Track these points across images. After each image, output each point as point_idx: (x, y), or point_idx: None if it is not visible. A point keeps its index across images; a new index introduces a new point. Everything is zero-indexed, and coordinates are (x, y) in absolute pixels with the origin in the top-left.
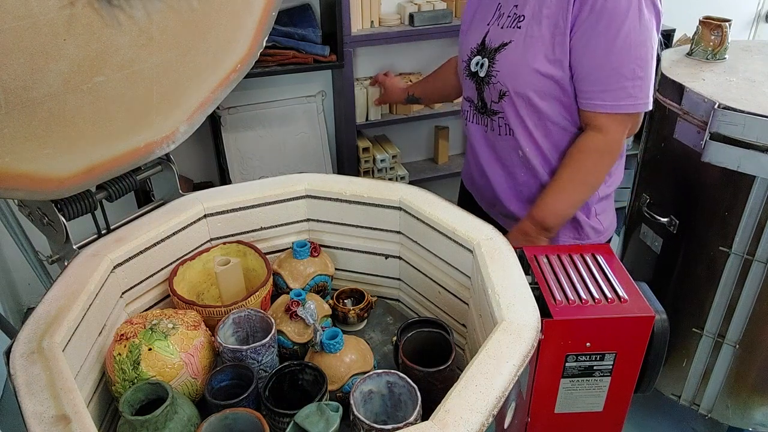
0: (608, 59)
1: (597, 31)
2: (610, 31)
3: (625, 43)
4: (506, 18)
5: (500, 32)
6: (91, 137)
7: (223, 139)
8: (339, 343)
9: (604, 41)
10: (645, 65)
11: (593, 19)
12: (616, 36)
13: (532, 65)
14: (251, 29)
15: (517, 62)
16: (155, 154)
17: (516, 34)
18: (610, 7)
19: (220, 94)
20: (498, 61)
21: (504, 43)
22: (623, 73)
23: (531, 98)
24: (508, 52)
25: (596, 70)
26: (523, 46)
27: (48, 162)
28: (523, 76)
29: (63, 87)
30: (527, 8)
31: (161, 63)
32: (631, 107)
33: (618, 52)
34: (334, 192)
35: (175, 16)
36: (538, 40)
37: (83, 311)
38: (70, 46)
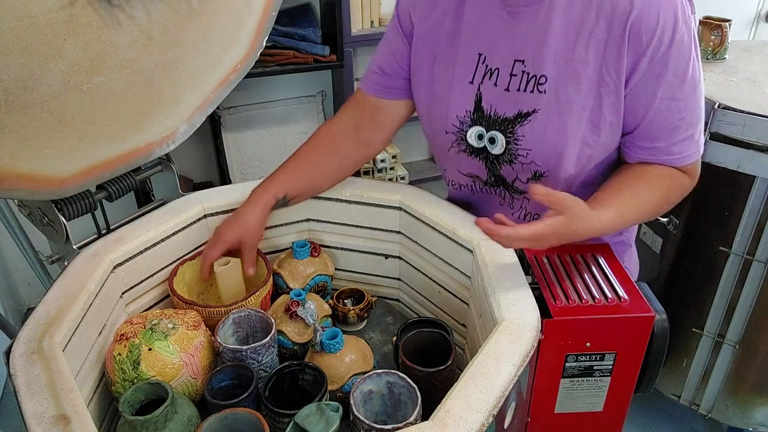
0: (677, 108)
1: (663, 80)
2: (677, 78)
3: (692, 86)
4: (511, 77)
5: (509, 96)
6: (91, 137)
7: (223, 139)
8: (339, 343)
9: (671, 89)
10: (702, 103)
11: (657, 67)
12: (683, 81)
13: (576, 137)
14: (251, 29)
15: (555, 137)
16: (155, 154)
17: (542, 101)
18: (675, 52)
19: (220, 94)
20: (524, 137)
21: (524, 113)
22: (691, 120)
23: (571, 172)
24: (537, 124)
25: (664, 123)
26: (560, 116)
27: (48, 162)
28: (567, 152)
29: (63, 87)
30: (547, 66)
31: (161, 63)
32: (696, 155)
33: (686, 98)
34: (334, 192)
35: (175, 16)
36: (577, 105)
37: (83, 311)
38: (70, 46)
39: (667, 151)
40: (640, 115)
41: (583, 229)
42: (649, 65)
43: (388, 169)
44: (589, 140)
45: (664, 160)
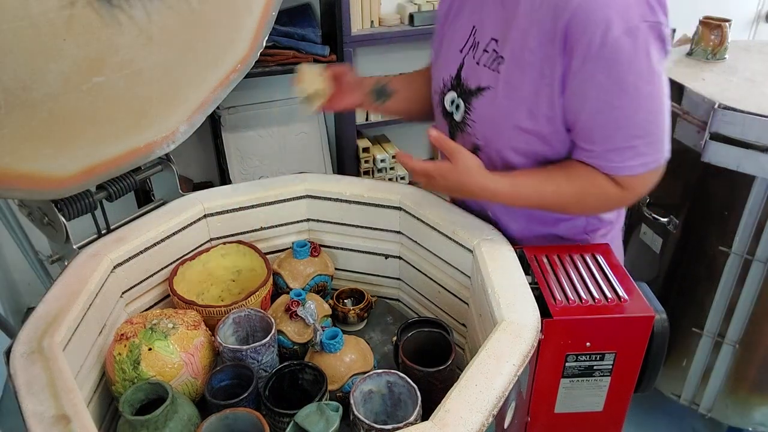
0: (612, 115)
1: (596, 83)
2: (612, 82)
3: (633, 96)
4: (482, 52)
5: (476, 69)
6: (91, 137)
7: (223, 139)
8: (339, 343)
9: (605, 94)
10: (657, 118)
11: (590, 68)
12: (621, 87)
13: (514, 122)
14: (251, 29)
15: (496, 116)
16: (155, 154)
17: (494, 79)
18: (609, 54)
19: (220, 94)
20: (475, 110)
21: (481, 87)
22: (631, 131)
23: (509, 158)
24: (486, 100)
25: (599, 128)
26: (503, 97)
27: (48, 162)
28: (503, 133)
29: (63, 87)
30: (507, 48)
31: (161, 63)
32: (640, 167)
33: (624, 107)
34: (334, 192)
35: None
36: (520, 91)
37: (83, 311)
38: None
39: (602, 156)
40: (575, 116)
41: (470, 182)
42: (581, 66)
43: (388, 169)
44: (527, 127)
45: (599, 164)
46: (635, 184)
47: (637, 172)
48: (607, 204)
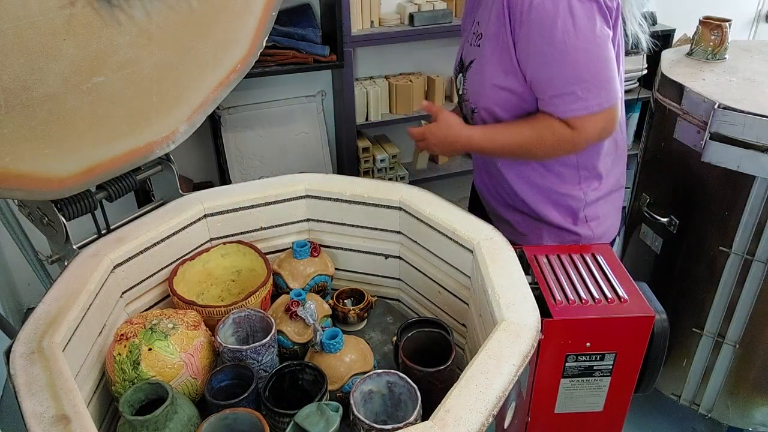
0: (550, 67)
1: (531, 42)
2: (543, 40)
3: (562, 49)
4: (472, 36)
5: (469, 50)
6: (91, 137)
7: (223, 139)
8: (339, 343)
9: (539, 51)
10: (590, 68)
11: (525, 31)
12: (551, 43)
13: (491, 81)
14: (251, 29)
15: (479, 80)
16: (155, 154)
17: (477, 53)
18: (536, 17)
19: (220, 94)
20: (468, 79)
21: (471, 62)
22: (567, 78)
23: (496, 112)
24: (473, 70)
25: (543, 78)
26: (482, 64)
27: (48, 162)
28: (485, 92)
29: (63, 87)
30: (482, 26)
31: (161, 63)
32: (582, 110)
33: (557, 60)
34: (334, 192)
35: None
36: (491, 55)
37: (83, 311)
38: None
39: (550, 102)
40: (525, 71)
41: (452, 133)
42: (519, 29)
43: (388, 169)
44: (503, 84)
45: (550, 110)
46: (582, 125)
47: (580, 113)
48: (562, 144)
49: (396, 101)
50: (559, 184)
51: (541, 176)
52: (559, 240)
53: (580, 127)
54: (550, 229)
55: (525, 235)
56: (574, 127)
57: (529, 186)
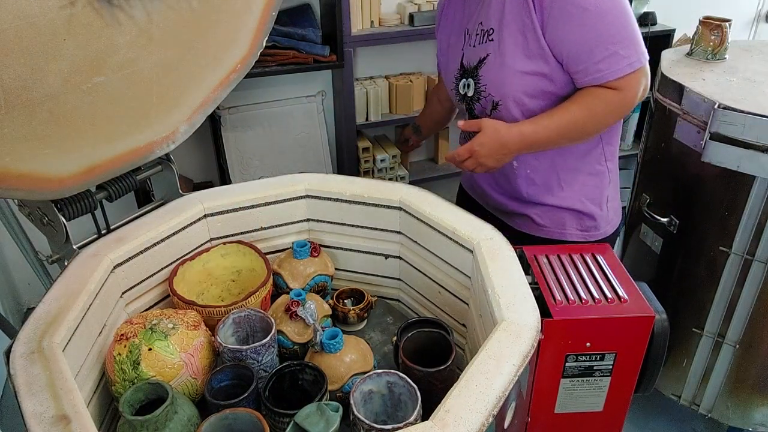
0: (588, 33)
1: (566, 13)
2: (577, 8)
3: (596, 12)
4: (475, 37)
5: (474, 51)
6: (91, 137)
7: (223, 139)
8: (339, 343)
9: (576, 20)
10: (625, 25)
11: (557, 3)
12: (585, 9)
13: (514, 67)
14: (251, 29)
15: (500, 70)
16: (155, 154)
17: (490, 47)
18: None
19: (220, 94)
20: (482, 76)
21: (481, 59)
22: (606, 40)
23: (522, 100)
24: (489, 65)
25: (583, 47)
26: (500, 54)
27: (48, 162)
28: (510, 80)
29: (63, 87)
30: (492, 21)
31: (161, 63)
32: (628, 67)
33: (593, 23)
34: (334, 192)
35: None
36: (511, 43)
37: (83, 311)
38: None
39: (592, 71)
40: (561, 46)
41: (504, 138)
42: (550, 3)
43: (388, 169)
44: (528, 69)
45: (593, 78)
46: (629, 83)
47: (625, 72)
48: (613, 109)
49: (396, 101)
50: (587, 163)
51: (566, 159)
52: (580, 226)
53: (626, 87)
54: (572, 214)
55: (546, 226)
56: (620, 89)
57: (554, 170)
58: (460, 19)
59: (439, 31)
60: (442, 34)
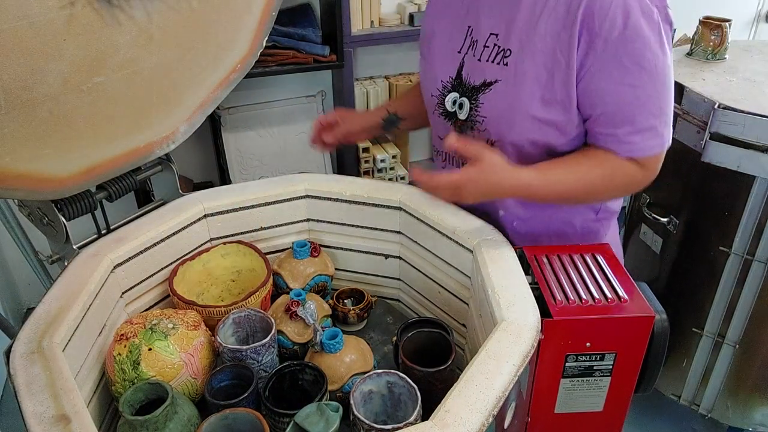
0: (635, 95)
1: (619, 64)
2: (634, 63)
3: (652, 74)
4: (484, 49)
5: (479, 66)
6: (91, 137)
7: (223, 139)
8: (339, 343)
9: (629, 75)
10: (670, 97)
11: (611, 50)
12: (641, 67)
13: (528, 111)
14: (251, 29)
15: (509, 108)
16: (155, 154)
17: (503, 73)
18: (631, 35)
19: (220, 94)
20: (483, 105)
21: (487, 82)
22: (651, 110)
23: (524, 147)
24: (496, 94)
25: (624, 110)
26: (515, 88)
27: (48, 162)
28: (518, 124)
29: (63, 87)
30: (513, 40)
31: (161, 63)
32: (659, 147)
33: (644, 85)
34: (334, 192)
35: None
36: (532, 79)
37: (83, 311)
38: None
39: (625, 140)
40: (598, 99)
41: (501, 179)
42: (604, 47)
43: (388, 169)
44: (542, 116)
45: (621, 148)
46: (653, 164)
47: (655, 152)
48: (632, 186)
49: None
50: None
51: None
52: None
53: (650, 167)
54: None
55: None
56: (643, 166)
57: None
58: (465, 11)
59: (429, 15)
60: (434, 18)
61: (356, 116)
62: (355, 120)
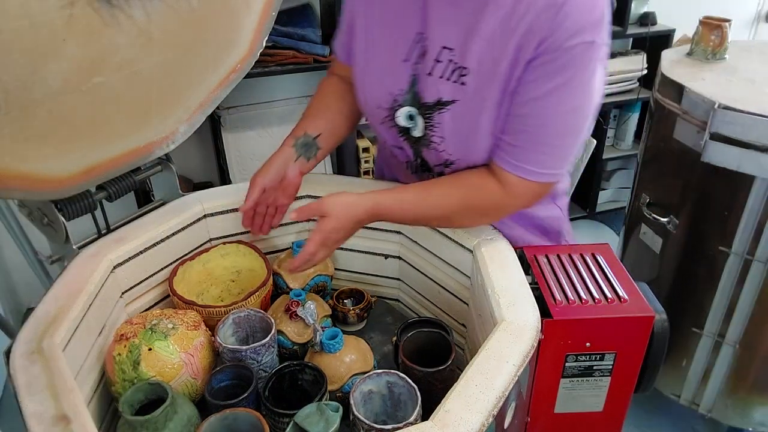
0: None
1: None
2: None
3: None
4: (436, 63)
5: (433, 82)
6: (91, 137)
7: (223, 139)
8: (339, 343)
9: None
10: (574, 133)
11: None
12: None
13: (487, 131)
14: (251, 29)
15: (470, 130)
16: (155, 154)
17: (460, 93)
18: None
19: (220, 94)
20: (440, 125)
21: (443, 102)
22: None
23: (478, 163)
24: (454, 115)
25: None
26: (474, 110)
27: (47, 162)
28: (479, 146)
29: (62, 87)
30: (470, 58)
31: (161, 63)
32: (550, 176)
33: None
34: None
35: (175, 16)
36: (493, 104)
37: (83, 311)
38: (69, 47)
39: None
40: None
41: (353, 213)
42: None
43: None
44: (498, 131)
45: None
46: (528, 191)
47: (542, 180)
48: (491, 213)
49: None
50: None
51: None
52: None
53: (521, 192)
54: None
55: None
56: (513, 189)
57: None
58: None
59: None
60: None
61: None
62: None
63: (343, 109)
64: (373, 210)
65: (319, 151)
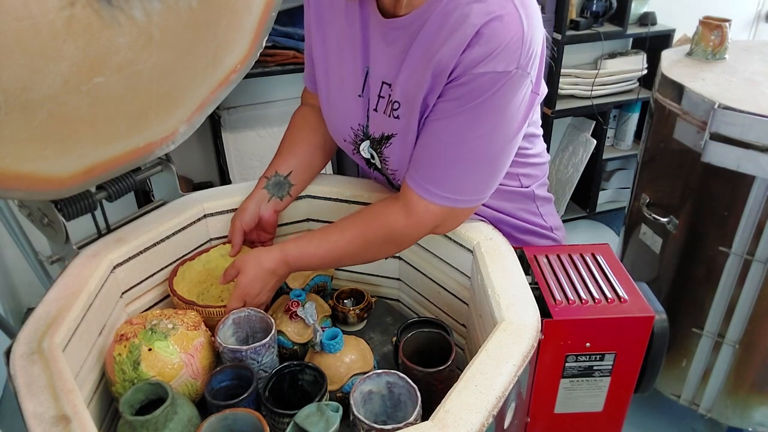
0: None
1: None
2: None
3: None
4: (379, 100)
5: (378, 118)
6: (91, 138)
7: (223, 139)
8: (339, 343)
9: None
10: (483, 160)
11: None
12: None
13: None
14: (251, 29)
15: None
16: (155, 154)
17: (396, 126)
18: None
19: (220, 94)
20: (389, 158)
21: (386, 136)
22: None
23: None
24: (395, 147)
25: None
26: (408, 142)
27: (47, 163)
28: None
29: (62, 88)
30: (399, 92)
31: (161, 63)
32: (438, 197)
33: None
34: (333, 192)
35: (175, 17)
36: (415, 134)
37: (83, 311)
38: (69, 47)
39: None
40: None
41: (268, 266)
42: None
43: None
44: None
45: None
46: (434, 216)
47: (435, 200)
48: (392, 236)
49: None
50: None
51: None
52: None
53: (424, 219)
54: None
55: None
56: (410, 208)
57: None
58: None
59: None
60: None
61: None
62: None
63: (316, 140)
64: (282, 259)
65: (292, 187)
